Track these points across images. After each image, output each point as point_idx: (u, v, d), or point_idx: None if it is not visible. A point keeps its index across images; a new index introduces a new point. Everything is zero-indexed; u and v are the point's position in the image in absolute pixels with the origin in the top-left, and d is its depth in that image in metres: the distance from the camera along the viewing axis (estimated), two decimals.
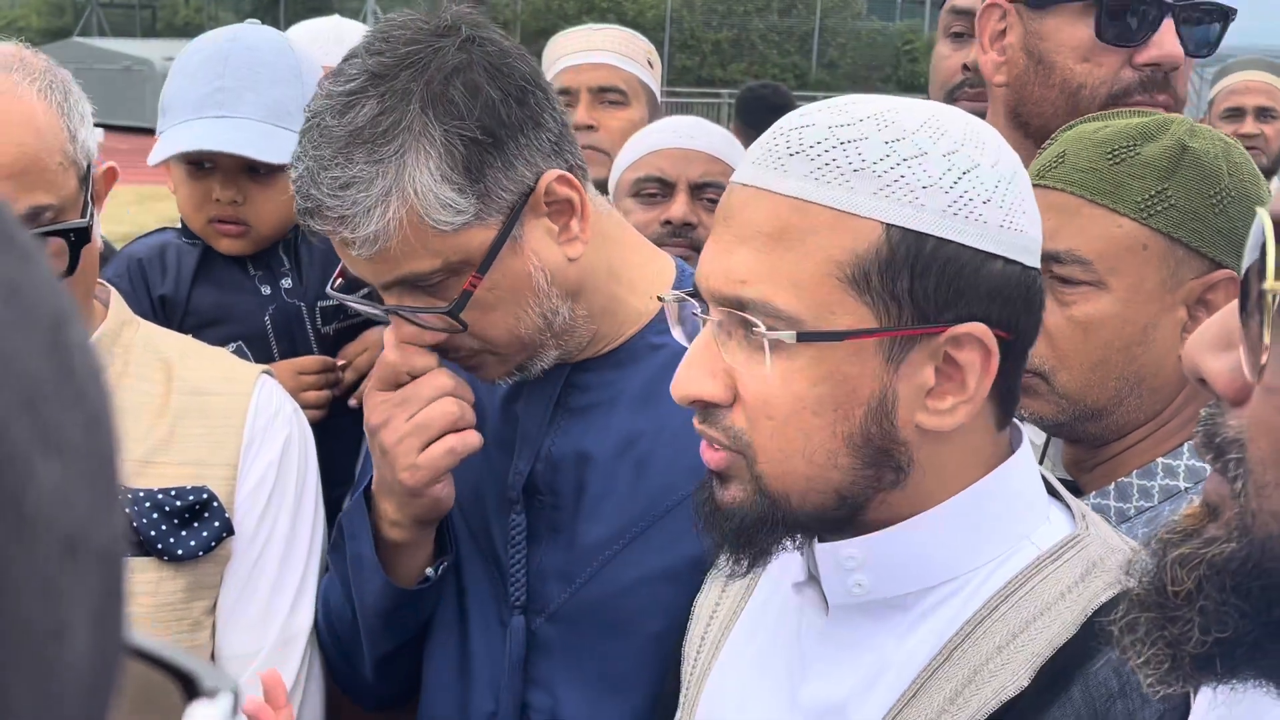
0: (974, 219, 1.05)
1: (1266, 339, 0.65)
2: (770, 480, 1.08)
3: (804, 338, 1.04)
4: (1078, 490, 1.53)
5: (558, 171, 1.43)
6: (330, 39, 2.57)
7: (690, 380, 1.10)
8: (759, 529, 1.10)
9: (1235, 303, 0.69)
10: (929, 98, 2.36)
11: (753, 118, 5.99)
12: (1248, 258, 0.68)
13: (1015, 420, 1.17)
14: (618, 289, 1.53)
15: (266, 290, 2.08)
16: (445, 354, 1.48)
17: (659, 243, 2.51)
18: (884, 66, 32.00)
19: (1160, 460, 1.48)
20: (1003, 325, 1.06)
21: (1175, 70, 1.80)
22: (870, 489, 1.08)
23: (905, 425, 1.07)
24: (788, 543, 1.13)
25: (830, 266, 1.04)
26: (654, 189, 2.60)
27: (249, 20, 2.16)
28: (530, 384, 1.55)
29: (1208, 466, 1.53)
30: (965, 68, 2.39)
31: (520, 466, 1.54)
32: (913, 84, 29.17)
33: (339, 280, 1.59)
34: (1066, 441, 1.58)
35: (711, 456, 1.11)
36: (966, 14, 2.49)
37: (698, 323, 1.13)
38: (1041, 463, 1.62)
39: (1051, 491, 1.18)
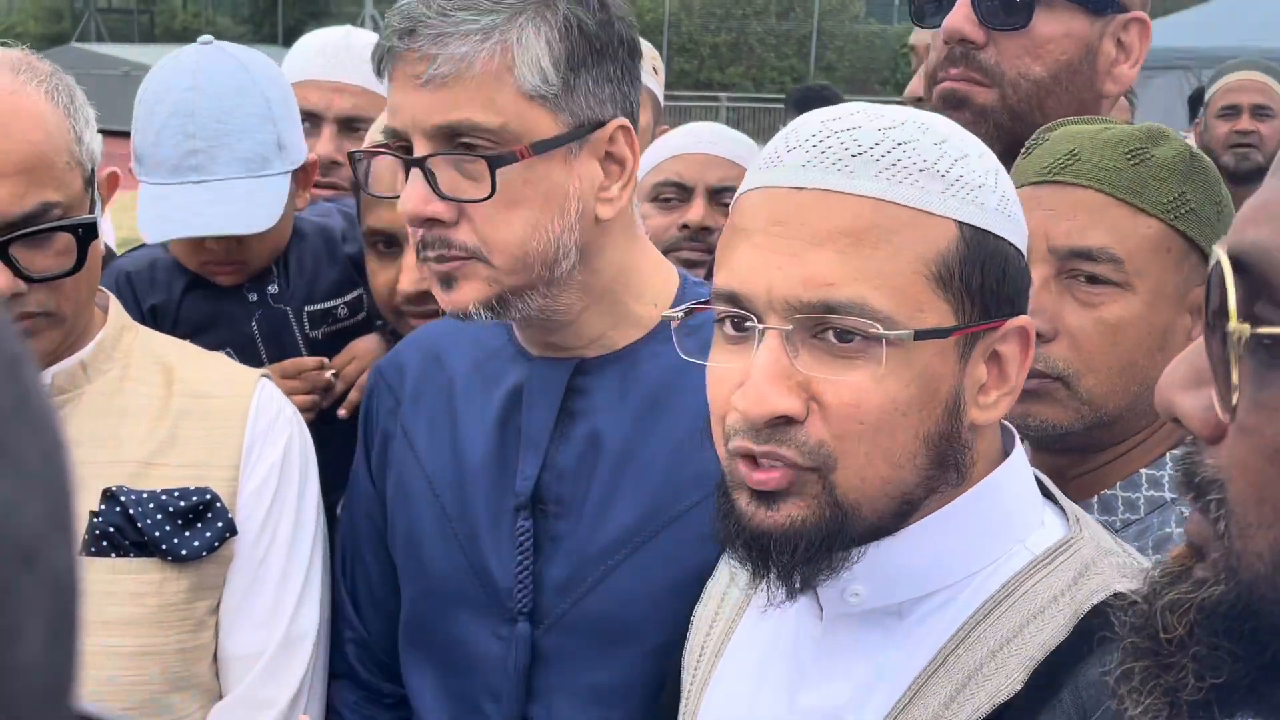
0: (1013, 217, 1.10)
1: (1235, 379, 0.64)
2: (846, 489, 1.05)
3: (921, 335, 1.04)
4: None
5: (627, 122, 1.47)
6: (341, 48, 2.57)
7: (768, 396, 1.04)
8: (823, 545, 1.06)
9: (1203, 339, 0.69)
10: None
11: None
12: (1209, 295, 0.67)
13: (1009, 427, 1.18)
14: (622, 288, 1.53)
15: (253, 297, 2.09)
16: (436, 248, 1.44)
17: (676, 246, 2.53)
18: (881, 69, 32.00)
19: (1143, 471, 1.47)
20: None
21: (972, 45, 1.76)
22: (929, 490, 1.09)
23: (965, 423, 1.08)
24: (837, 559, 1.09)
25: (919, 264, 1.04)
26: (672, 194, 2.61)
27: (203, 38, 2.09)
28: (533, 387, 1.55)
29: None
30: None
31: (528, 471, 1.53)
32: None
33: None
34: (1054, 453, 1.52)
35: (767, 477, 1.06)
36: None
37: (706, 335, 1.12)
38: None
39: (1046, 494, 1.18)
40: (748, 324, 1.06)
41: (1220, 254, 0.65)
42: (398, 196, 1.46)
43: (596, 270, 1.50)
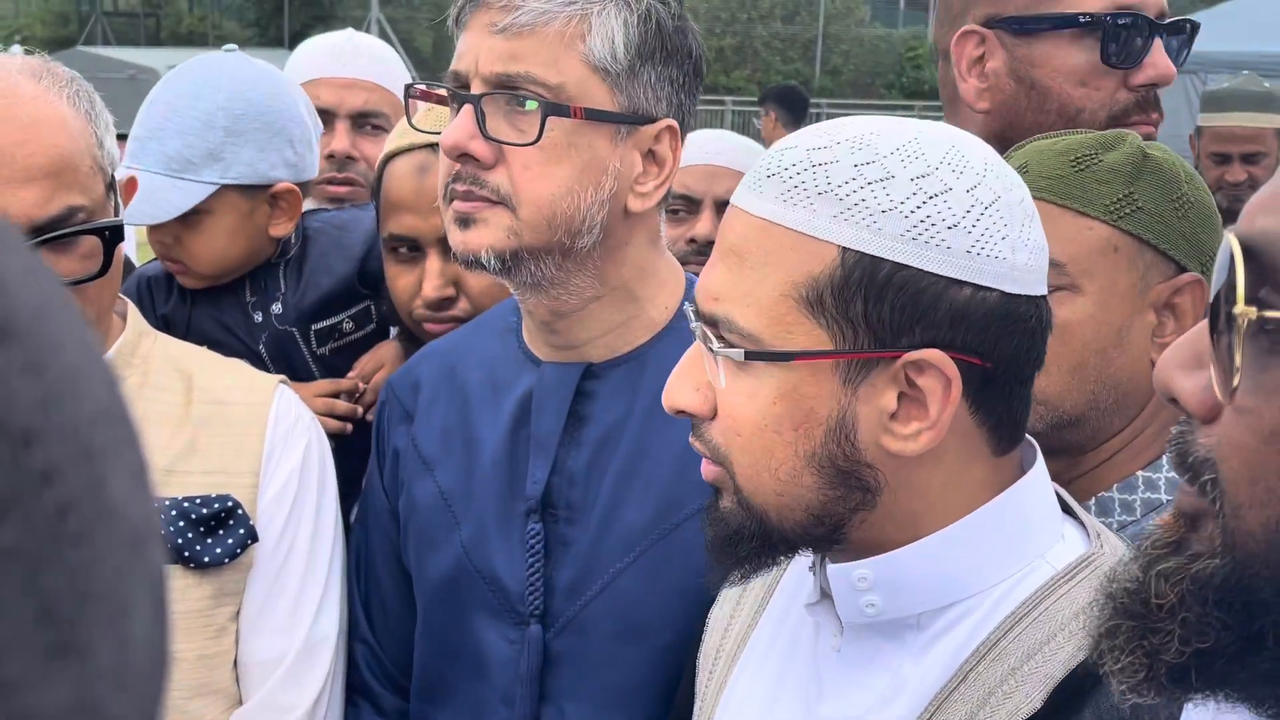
0: (935, 244, 1.04)
1: (1238, 361, 0.66)
2: (748, 493, 1.10)
3: (751, 356, 1.06)
4: None
5: (676, 125, 1.51)
6: (348, 47, 2.58)
7: (674, 392, 1.13)
8: (742, 540, 1.11)
9: (1205, 322, 0.70)
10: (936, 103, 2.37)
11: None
12: (1216, 279, 0.68)
13: (1032, 441, 1.17)
14: (639, 286, 1.55)
15: (259, 317, 2.06)
16: (465, 183, 1.47)
17: (684, 260, 2.53)
18: (887, 73, 31.99)
19: (1140, 474, 1.48)
20: (973, 352, 1.05)
21: (1165, 88, 1.85)
22: (841, 509, 1.09)
23: (869, 447, 1.07)
24: (780, 559, 1.14)
25: (787, 287, 1.06)
26: (679, 206, 2.60)
27: (226, 47, 2.12)
28: (542, 393, 1.56)
29: None
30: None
31: (537, 475, 1.54)
32: (916, 90, 29.13)
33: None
34: (1047, 456, 1.57)
35: (706, 470, 1.13)
36: None
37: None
38: None
39: (1067, 510, 1.18)
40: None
41: (1231, 240, 0.67)
42: (432, 134, 1.50)
43: (617, 262, 1.52)
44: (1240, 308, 0.65)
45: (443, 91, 1.52)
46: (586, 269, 1.50)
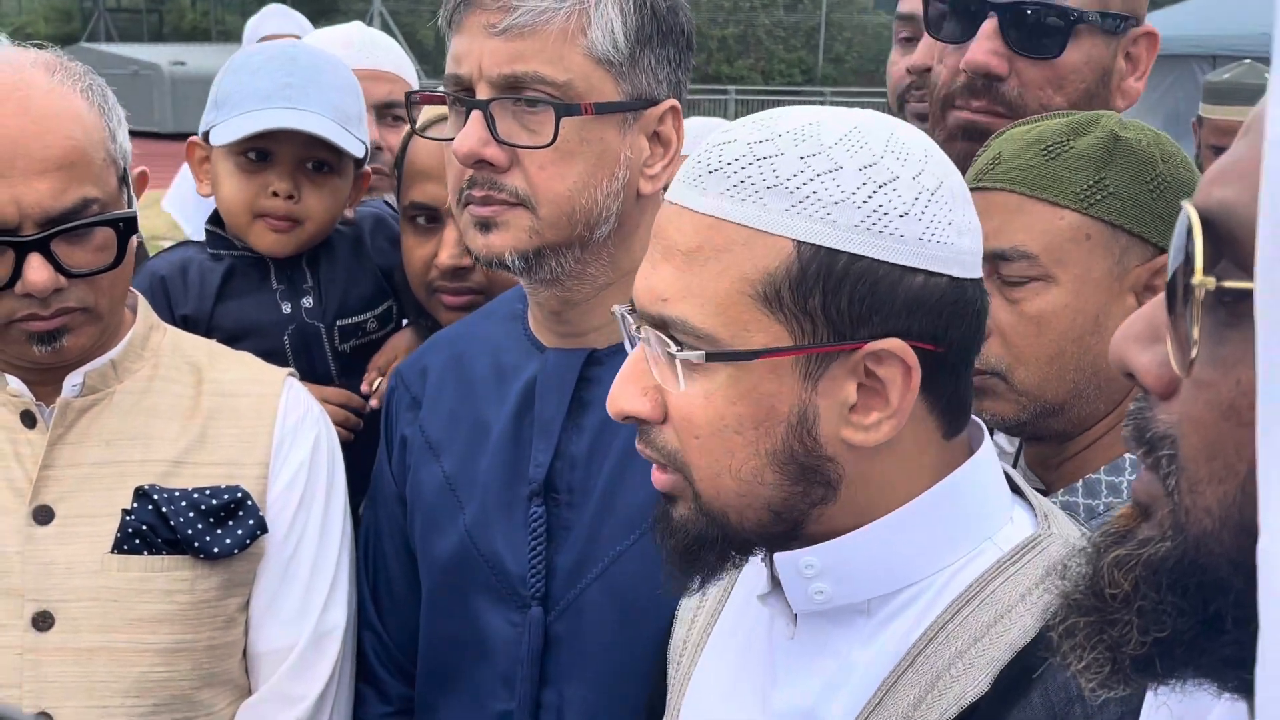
0: (889, 233, 1.03)
1: (1195, 334, 0.64)
2: (707, 499, 1.08)
3: (712, 357, 1.04)
4: (1044, 491, 1.52)
5: (678, 105, 1.53)
6: (365, 39, 2.61)
7: (620, 397, 1.10)
8: (704, 547, 1.10)
9: (1162, 296, 0.69)
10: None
11: None
12: (1174, 251, 0.67)
13: (979, 422, 1.17)
14: None
15: (287, 308, 2.05)
16: (483, 188, 1.48)
17: None
18: None
19: (1127, 456, 1.49)
20: (928, 338, 1.05)
21: (996, 79, 1.75)
22: (802, 504, 1.09)
23: (830, 441, 1.07)
24: (738, 559, 1.13)
25: (743, 284, 1.04)
26: None
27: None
28: (546, 378, 1.57)
29: None
30: (909, 71, 2.39)
31: (540, 459, 1.55)
32: None
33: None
34: (1029, 441, 1.58)
35: (659, 478, 1.11)
36: (912, 19, 2.50)
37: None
38: (1015, 468, 1.63)
39: (1017, 490, 1.18)
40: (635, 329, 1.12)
41: (1189, 210, 0.66)
42: (446, 140, 1.50)
43: (629, 248, 1.53)
44: (1199, 278, 0.63)
45: (445, 98, 1.52)
46: (601, 257, 1.52)
